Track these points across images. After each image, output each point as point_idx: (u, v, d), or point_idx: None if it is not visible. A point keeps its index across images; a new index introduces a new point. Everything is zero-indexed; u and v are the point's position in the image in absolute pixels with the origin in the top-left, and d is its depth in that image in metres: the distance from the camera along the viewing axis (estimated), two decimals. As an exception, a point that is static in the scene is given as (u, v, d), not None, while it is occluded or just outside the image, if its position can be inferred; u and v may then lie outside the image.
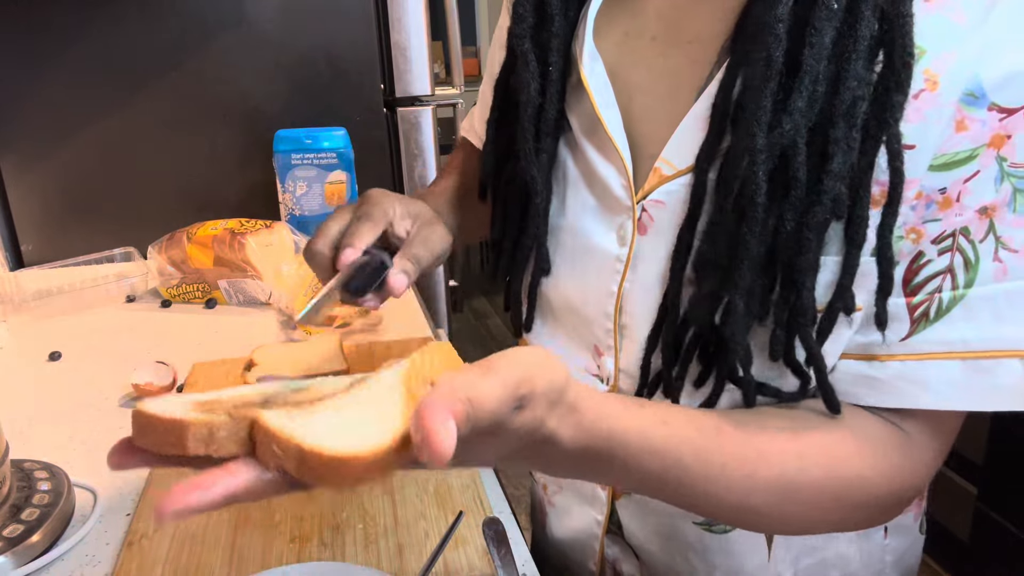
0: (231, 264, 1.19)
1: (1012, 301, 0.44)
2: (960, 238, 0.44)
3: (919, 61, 0.43)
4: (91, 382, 0.97)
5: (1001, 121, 0.42)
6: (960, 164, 0.43)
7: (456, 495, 0.70)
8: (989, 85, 0.42)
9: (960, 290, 0.45)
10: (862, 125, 0.43)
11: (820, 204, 0.44)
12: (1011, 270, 0.44)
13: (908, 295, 0.46)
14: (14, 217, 1.45)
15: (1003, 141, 0.42)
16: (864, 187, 0.44)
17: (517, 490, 2.49)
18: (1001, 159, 0.42)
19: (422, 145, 1.60)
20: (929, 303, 0.45)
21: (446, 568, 0.61)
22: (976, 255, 0.44)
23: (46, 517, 0.66)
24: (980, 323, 0.45)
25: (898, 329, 0.47)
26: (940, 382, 0.46)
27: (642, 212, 0.53)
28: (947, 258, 0.45)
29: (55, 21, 1.37)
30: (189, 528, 0.66)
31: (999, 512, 1.72)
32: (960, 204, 0.44)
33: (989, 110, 0.42)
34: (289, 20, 1.47)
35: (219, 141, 1.50)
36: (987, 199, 0.43)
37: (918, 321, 0.46)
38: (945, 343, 0.45)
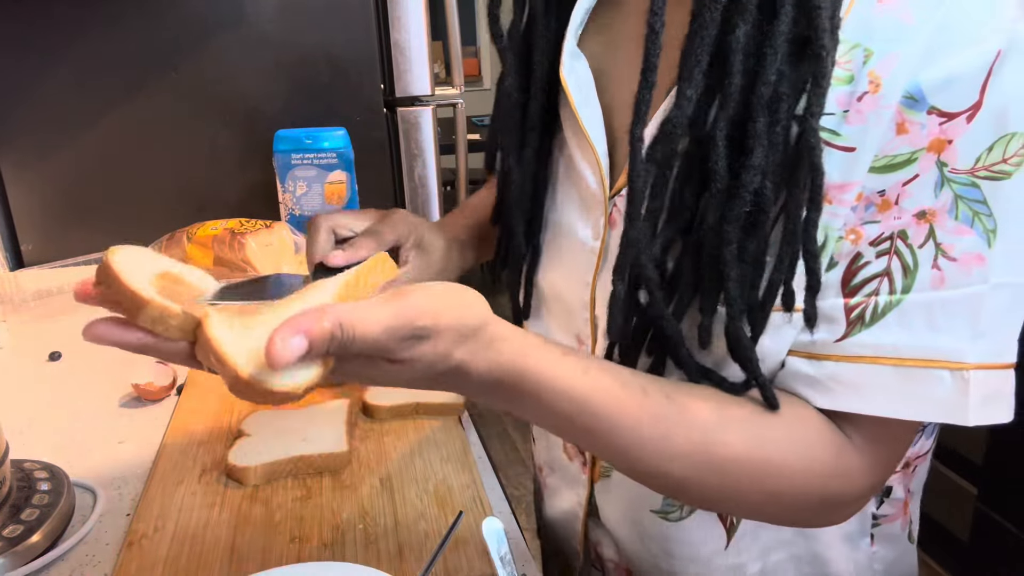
0: (231, 264, 1.19)
1: (947, 310, 0.43)
2: (898, 241, 0.44)
3: (866, 63, 0.42)
4: (91, 382, 0.97)
5: (940, 125, 0.41)
6: (899, 167, 0.43)
7: (456, 495, 0.70)
8: (928, 88, 0.41)
9: (897, 295, 0.44)
10: (789, 122, 0.43)
11: (739, 197, 0.44)
12: (948, 279, 0.43)
13: (846, 296, 0.46)
14: (14, 217, 1.45)
15: (943, 146, 0.42)
16: (797, 183, 0.43)
17: (517, 490, 2.49)
18: (941, 164, 0.42)
19: (422, 145, 1.60)
20: (865, 306, 0.45)
21: (446, 568, 0.61)
22: (915, 261, 0.43)
23: (46, 517, 0.66)
24: (914, 330, 0.44)
25: (834, 330, 0.46)
26: (871, 387, 0.45)
27: (613, 207, 0.54)
28: (884, 261, 0.44)
29: (55, 21, 1.37)
30: (189, 528, 0.66)
31: (999, 512, 1.72)
32: (898, 207, 0.43)
33: (928, 113, 0.41)
34: (289, 20, 1.46)
35: (219, 141, 1.50)
36: (926, 204, 0.43)
37: (854, 323, 0.46)
38: (878, 348, 0.45)
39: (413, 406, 0.84)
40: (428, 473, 0.74)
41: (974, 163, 0.41)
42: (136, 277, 0.42)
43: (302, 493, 0.71)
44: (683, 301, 0.49)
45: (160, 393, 0.91)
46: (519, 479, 2.55)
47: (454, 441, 0.79)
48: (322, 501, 0.70)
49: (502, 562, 0.58)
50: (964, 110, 0.41)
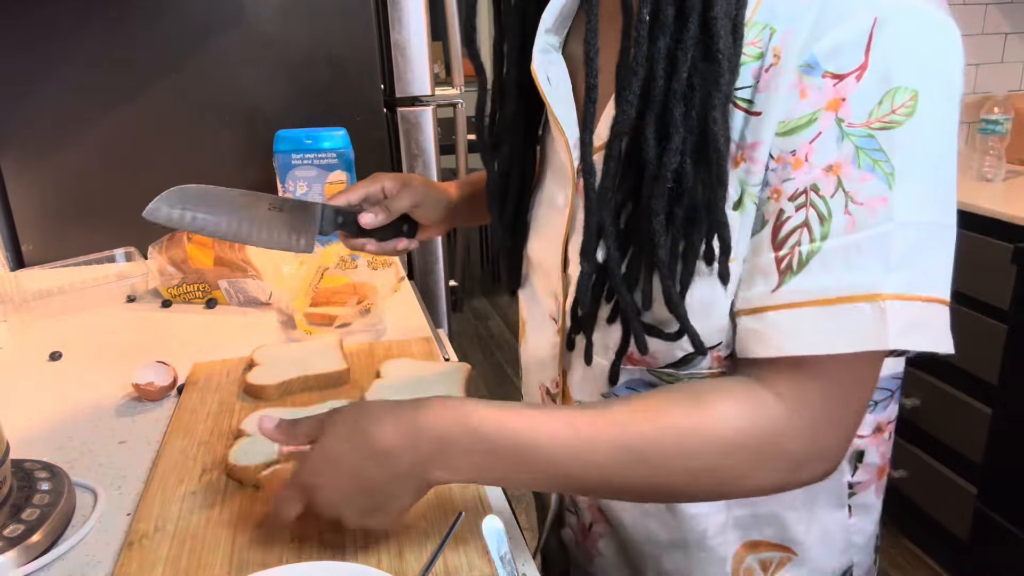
0: (231, 264, 1.19)
1: (861, 250, 0.48)
2: (812, 194, 0.49)
3: (771, 39, 0.49)
4: (91, 382, 0.97)
5: (834, 86, 0.47)
6: (804, 127, 0.48)
7: (456, 495, 0.70)
8: (820, 55, 0.47)
9: (816, 243, 0.49)
10: (701, 109, 0.49)
11: (662, 177, 0.51)
12: (859, 222, 0.48)
13: (776, 249, 0.51)
14: (14, 217, 1.45)
15: (839, 104, 0.47)
16: (705, 161, 0.50)
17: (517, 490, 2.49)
18: (839, 120, 0.47)
19: (422, 145, 1.60)
20: (791, 256, 0.50)
21: (446, 568, 0.61)
22: (828, 210, 0.48)
23: (46, 517, 0.66)
24: (834, 272, 0.49)
25: (770, 282, 0.51)
26: (804, 329, 0.50)
27: (579, 178, 0.61)
28: (803, 213, 0.49)
29: (56, 21, 1.37)
30: (189, 528, 0.67)
31: (999, 512, 1.72)
32: (808, 163, 0.49)
33: (823, 77, 0.47)
34: (289, 20, 1.47)
35: (219, 141, 1.50)
36: (831, 158, 0.48)
37: (784, 273, 0.50)
38: (806, 292, 0.49)
39: (413, 406, 0.84)
40: (428, 473, 0.74)
41: (867, 117, 0.47)
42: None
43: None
44: (632, 267, 0.56)
45: (160, 393, 0.91)
46: (519, 479, 2.55)
47: (454, 441, 0.79)
48: (322, 501, 0.70)
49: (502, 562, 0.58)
50: (852, 71, 0.47)
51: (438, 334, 1.13)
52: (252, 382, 0.89)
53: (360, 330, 1.09)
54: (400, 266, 1.33)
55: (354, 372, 0.94)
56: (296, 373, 0.91)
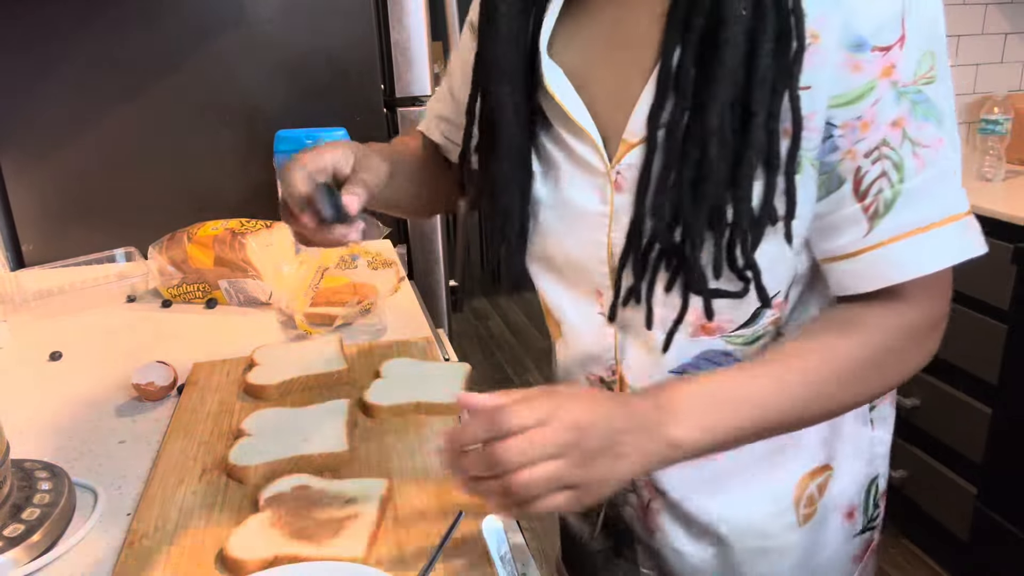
0: (231, 264, 1.19)
1: (937, 181, 0.58)
2: (883, 148, 0.58)
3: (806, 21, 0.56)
4: (91, 382, 0.97)
5: (883, 56, 0.56)
6: (864, 96, 0.57)
7: (456, 495, 0.70)
8: (866, 34, 0.55)
9: (896, 186, 0.58)
10: (771, 87, 0.56)
11: (751, 149, 0.57)
12: (927, 161, 0.58)
13: (860, 200, 0.59)
14: (15, 217, 1.45)
15: (891, 70, 0.56)
16: (776, 131, 0.57)
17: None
18: (893, 83, 0.56)
19: (422, 145, 1.60)
20: (876, 202, 0.59)
21: (446, 568, 0.61)
22: (900, 157, 0.58)
23: (47, 517, 0.66)
24: (918, 205, 0.59)
25: (861, 228, 0.60)
26: (907, 256, 0.59)
27: (617, 175, 0.65)
28: (879, 165, 0.58)
29: (56, 21, 1.37)
30: (189, 528, 0.67)
31: (999, 512, 1.72)
32: (875, 124, 0.57)
33: (872, 51, 0.56)
34: (289, 20, 1.47)
35: (220, 141, 1.50)
36: (893, 115, 0.57)
37: (872, 218, 0.59)
38: (902, 226, 0.59)
39: (413, 406, 0.84)
40: (428, 473, 0.74)
41: (914, 76, 0.57)
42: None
43: (302, 493, 0.71)
44: (690, 236, 0.61)
45: (160, 393, 0.91)
46: (519, 479, 2.55)
47: (454, 441, 0.79)
48: (322, 501, 0.70)
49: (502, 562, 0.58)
50: (894, 42, 0.56)
51: (438, 334, 1.13)
52: (252, 382, 0.89)
53: (360, 330, 1.09)
54: (400, 266, 1.33)
55: (354, 372, 0.94)
56: (296, 373, 0.91)
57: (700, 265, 0.61)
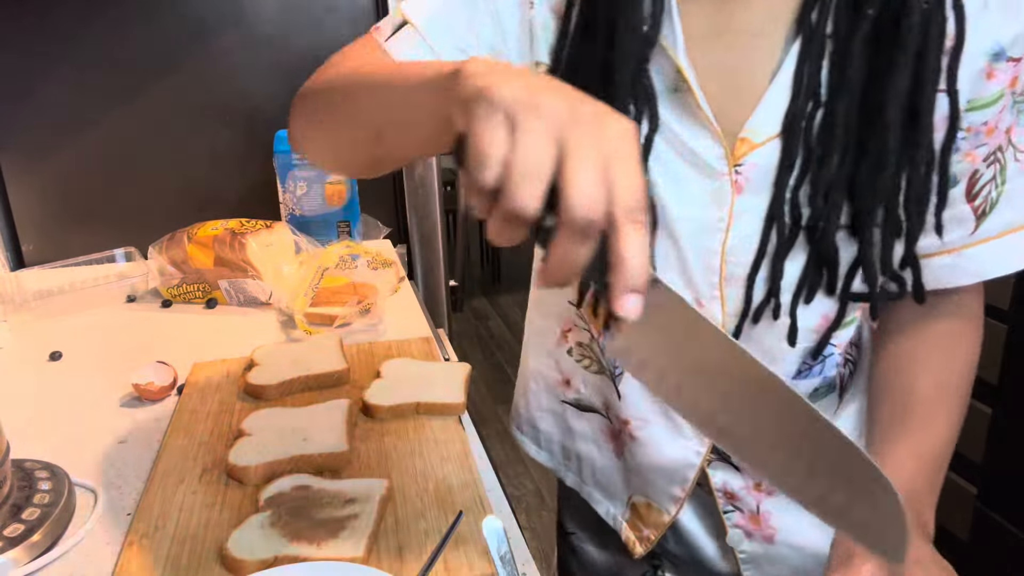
0: (232, 264, 1.19)
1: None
2: (998, 153, 0.62)
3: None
4: (91, 382, 0.97)
5: (1014, 67, 0.59)
6: (994, 103, 0.60)
7: (456, 495, 0.70)
8: (1006, 43, 0.58)
9: (1000, 187, 0.63)
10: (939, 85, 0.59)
11: (922, 148, 0.59)
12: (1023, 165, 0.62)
13: (970, 201, 0.63)
14: (15, 217, 1.45)
15: (1016, 81, 0.60)
16: (932, 125, 0.59)
17: (517, 490, 2.49)
18: (1014, 93, 0.60)
19: (422, 145, 1.60)
20: (984, 204, 0.63)
21: (446, 568, 0.61)
22: (1005, 160, 0.62)
23: (47, 517, 0.66)
24: (1015, 207, 0.63)
25: (967, 227, 0.64)
26: (1003, 255, 0.64)
27: (737, 176, 0.63)
28: (992, 169, 0.62)
29: (56, 21, 1.37)
30: (189, 528, 0.67)
31: (999, 512, 1.72)
32: (997, 130, 0.61)
33: (1008, 62, 0.59)
34: (289, 20, 1.47)
35: (219, 141, 1.50)
36: (1009, 122, 0.61)
37: (980, 218, 0.64)
38: (1002, 226, 0.64)
39: (413, 406, 0.84)
40: (428, 473, 0.74)
41: None
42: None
43: (302, 493, 0.71)
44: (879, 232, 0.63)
45: (160, 393, 0.91)
46: (519, 479, 2.55)
47: (454, 441, 0.79)
48: (322, 501, 0.70)
49: (502, 562, 0.58)
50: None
51: (438, 334, 1.13)
52: (252, 382, 0.89)
53: (360, 330, 1.09)
54: (400, 266, 1.33)
55: (354, 372, 0.94)
56: (296, 373, 0.91)
57: (872, 263, 0.63)
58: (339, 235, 1.41)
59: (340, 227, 1.42)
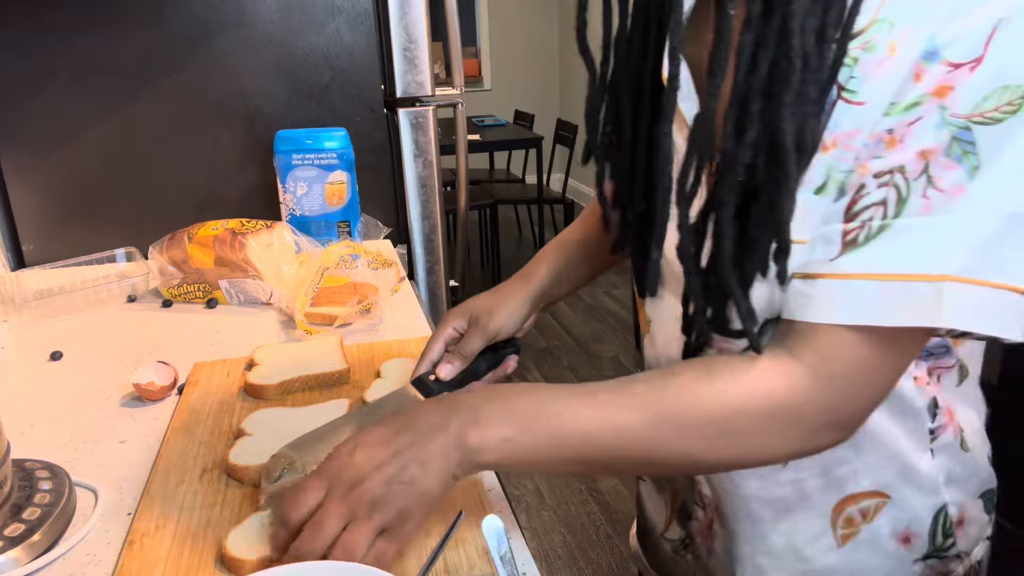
0: (232, 264, 1.19)
1: (929, 232, 0.49)
2: (897, 175, 0.50)
3: (889, 33, 0.50)
4: (92, 382, 0.97)
5: (947, 74, 0.48)
6: (908, 109, 0.50)
7: (456, 495, 0.70)
8: (942, 43, 0.48)
9: (888, 220, 0.50)
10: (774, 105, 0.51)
11: (733, 170, 0.54)
12: (934, 206, 0.49)
13: (846, 221, 0.52)
14: (15, 217, 1.45)
15: (946, 92, 0.48)
16: (774, 157, 0.52)
17: (517, 490, 2.49)
18: (942, 108, 0.48)
19: (423, 145, 1.60)
20: (860, 230, 0.52)
21: (446, 568, 0.61)
22: (908, 190, 0.50)
23: (47, 516, 0.66)
24: (898, 249, 0.50)
25: (829, 250, 0.53)
26: (856, 300, 0.51)
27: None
28: (883, 192, 0.51)
29: (56, 21, 1.37)
30: (190, 528, 0.67)
31: (999, 512, 1.72)
32: (903, 144, 0.50)
33: (940, 64, 0.48)
34: (289, 20, 1.47)
35: (220, 141, 1.50)
36: (928, 143, 0.49)
37: (848, 245, 0.52)
38: (866, 265, 0.51)
39: (413, 406, 0.84)
40: (428, 473, 0.74)
41: (971, 109, 0.48)
42: None
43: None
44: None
45: (161, 393, 0.91)
46: (519, 479, 2.55)
47: (454, 441, 0.79)
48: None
49: (502, 562, 0.58)
50: (968, 61, 0.47)
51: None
52: (252, 382, 0.89)
53: (360, 330, 1.09)
54: (400, 266, 1.33)
55: (354, 372, 0.94)
56: (296, 373, 0.91)
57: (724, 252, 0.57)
58: (339, 235, 1.41)
59: (340, 227, 1.42)
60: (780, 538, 0.70)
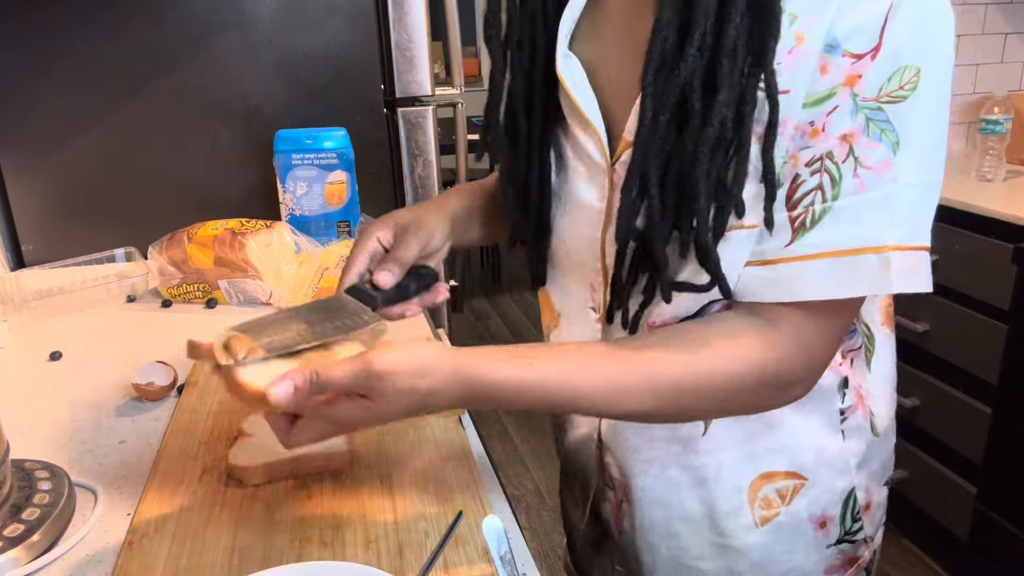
0: (232, 264, 1.19)
1: (868, 208, 0.55)
2: (826, 161, 0.55)
3: (793, 23, 0.54)
4: (91, 382, 0.97)
5: (852, 64, 0.53)
6: (823, 101, 0.54)
7: (456, 495, 0.70)
8: (841, 36, 0.53)
9: (828, 203, 0.56)
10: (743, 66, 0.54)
11: (711, 126, 0.55)
12: (867, 183, 0.55)
13: (789, 209, 0.57)
14: (15, 217, 1.45)
15: (855, 80, 0.53)
16: (748, 114, 0.55)
17: (517, 490, 2.49)
18: (854, 95, 0.54)
19: (422, 145, 1.60)
20: (805, 215, 0.57)
21: (446, 568, 0.61)
22: (840, 174, 0.55)
23: (47, 517, 0.66)
24: (844, 227, 0.56)
25: (783, 238, 0.58)
26: (814, 277, 0.57)
27: (614, 172, 0.64)
28: (817, 178, 0.56)
29: (55, 21, 1.37)
30: (189, 528, 0.67)
31: (999, 512, 1.72)
32: (825, 133, 0.55)
33: (843, 56, 0.53)
34: (289, 20, 1.47)
35: (220, 141, 1.50)
36: (846, 128, 0.54)
37: (797, 230, 0.57)
38: (818, 245, 0.56)
39: (413, 406, 0.84)
40: (428, 473, 0.74)
41: (878, 91, 0.53)
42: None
43: (302, 493, 0.71)
44: (666, 221, 0.59)
45: (160, 393, 0.91)
46: (519, 479, 2.55)
47: (454, 441, 0.79)
48: (322, 501, 0.70)
49: (502, 561, 0.58)
50: (868, 51, 0.53)
51: (438, 334, 1.13)
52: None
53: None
54: (400, 266, 1.33)
55: (354, 372, 0.94)
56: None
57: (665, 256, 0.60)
58: (339, 235, 1.41)
59: (340, 227, 1.42)
60: (697, 504, 0.72)
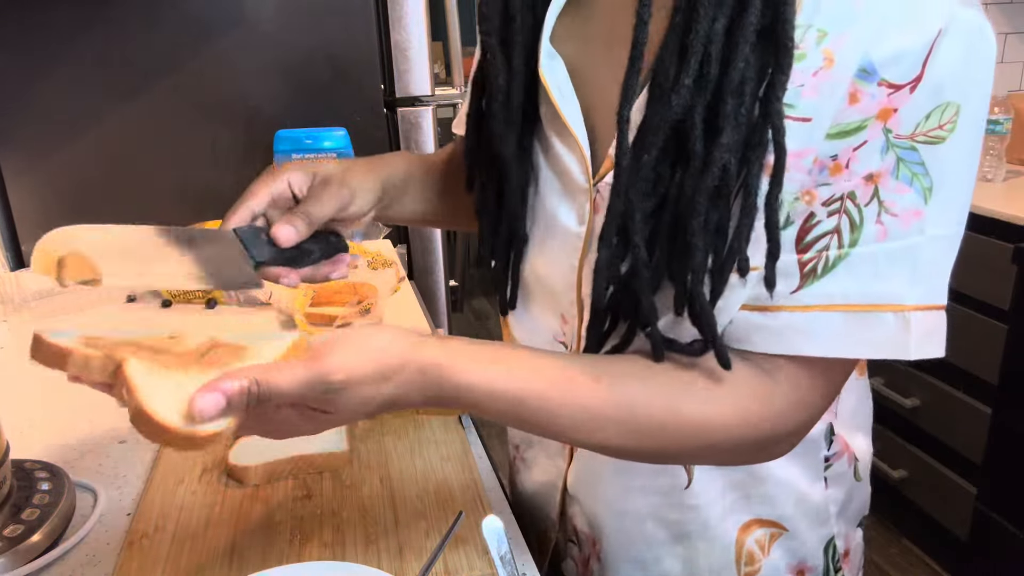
0: (231, 264, 1.19)
1: (890, 260, 0.48)
2: (847, 202, 0.48)
3: (821, 42, 0.47)
4: (91, 382, 0.97)
5: (888, 96, 0.46)
6: (851, 134, 0.47)
7: (456, 495, 0.70)
8: (879, 63, 0.46)
9: (845, 249, 0.49)
10: (751, 103, 0.47)
11: (710, 172, 0.48)
12: (890, 232, 0.48)
13: (800, 252, 0.50)
14: (15, 217, 1.45)
15: (889, 114, 0.46)
16: (756, 159, 0.48)
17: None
18: (887, 131, 0.47)
19: (422, 145, 1.60)
20: (817, 260, 0.50)
21: (446, 568, 0.61)
22: (861, 218, 0.48)
23: (46, 517, 0.66)
24: (860, 279, 0.49)
25: (789, 283, 0.51)
26: (822, 332, 0.50)
27: (596, 194, 0.57)
28: (835, 220, 0.49)
29: (55, 21, 1.37)
30: (189, 528, 0.67)
31: (999, 512, 1.72)
32: (849, 170, 0.48)
33: (879, 85, 0.46)
34: (289, 20, 1.47)
35: (219, 141, 1.50)
36: (873, 167, 0.47)
37: (807, 276, 0.50)
38: (829, 296, 0.50)
39: (413, 406, 0.84)
40: (428, 473, 0.74)
41: (914, 129, 0.47)
42: (62, 339, 0.54)
43: (302, 493, 0.71)
44: (656, 272, 0.53)
45: (160, 393, 0.91)
46: (519, 479, 2.55)
47: (454, 441, 0.79)
48: (322, 501, 0.70)
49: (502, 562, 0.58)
50: (908, 82, 0.46)
51: (438, 334, 1.12)
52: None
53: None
54: (400, 266, 1.33)
55: (354, 372, 0.94)
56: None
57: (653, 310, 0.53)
58: (339, 235, 1.41)
59: (340, 227, 1.41)
60: (677, 563, 0.67)
